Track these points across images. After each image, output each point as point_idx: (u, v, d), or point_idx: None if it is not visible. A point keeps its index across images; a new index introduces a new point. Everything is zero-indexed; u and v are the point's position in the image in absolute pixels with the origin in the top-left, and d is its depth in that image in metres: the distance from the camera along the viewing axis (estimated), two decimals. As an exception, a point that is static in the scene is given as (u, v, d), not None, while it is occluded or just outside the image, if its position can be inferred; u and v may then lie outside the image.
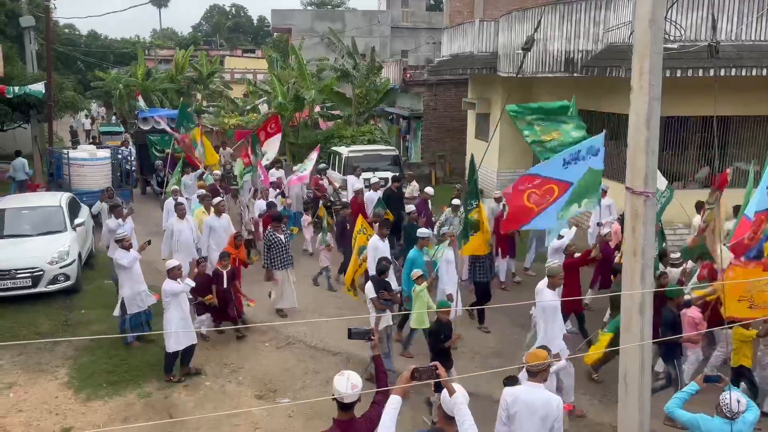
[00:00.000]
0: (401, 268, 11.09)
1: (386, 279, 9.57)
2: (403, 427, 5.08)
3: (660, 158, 5.88)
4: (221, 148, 24.19)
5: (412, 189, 17.41)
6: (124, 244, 10.43)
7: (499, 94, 21.06)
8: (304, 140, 25.36)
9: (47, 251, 12.54)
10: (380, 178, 16.89)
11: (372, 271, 10.03)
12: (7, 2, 32.07)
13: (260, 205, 15.05)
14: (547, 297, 8.37)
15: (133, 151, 24.26)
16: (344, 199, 16.99)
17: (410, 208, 14.07)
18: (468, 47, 21.76)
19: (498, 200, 13.91)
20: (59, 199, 14.47)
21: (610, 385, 8.68)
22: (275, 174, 17.66)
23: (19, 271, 12.12)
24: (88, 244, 14.65)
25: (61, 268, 12.48)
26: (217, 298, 10.53)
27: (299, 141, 25.49)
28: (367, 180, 16.95)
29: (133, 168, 23.37)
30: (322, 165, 19.18)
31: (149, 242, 11.57)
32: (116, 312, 10.68)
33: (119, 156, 21.59)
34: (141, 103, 31.05)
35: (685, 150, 14.67)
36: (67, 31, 62.53)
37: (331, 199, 17.74)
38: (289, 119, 25.62)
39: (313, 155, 17.39)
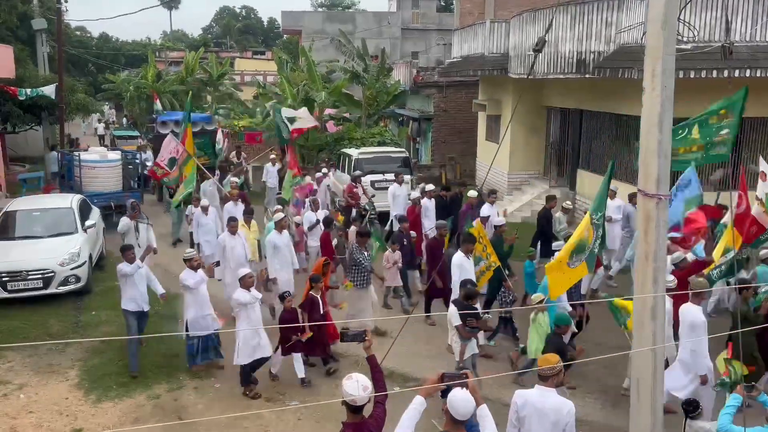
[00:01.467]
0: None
1: (474, 304, 8.69)
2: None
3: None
4: (236, 154, 23.81)
5: (420, 189, 17.37)
6: (192, 263, 9.65)
7: (510, 95, 20.98)
8: (314, 142, 25.37)
9: (58, 253, 12.60)
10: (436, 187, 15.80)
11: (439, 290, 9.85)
12: (19, 5, 32.30)
13: (309, 217, 13.80)
14: (695, 313, 7.90)
15: (151, 155, 24.25)
16: (380, 208, 16.22)
17: (500, 221, 12.21)
18: (479, 48, 21.71)
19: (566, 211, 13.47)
20: (70, 200, 14.53)
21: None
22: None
23: (30, 273, 12.18)
24: (98, 245, 14.71)
25: (71, 269, 12.53)
26: (311, 327, 9.25)
27: (309, 143, 25.49)
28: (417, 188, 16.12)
29: (146, 172, 23.40)
30: (324, 169, 19.11)
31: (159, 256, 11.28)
32: (182, 335, 9.87)
33: (136, 161, 21.72)
34: (159, 106, 30.63)
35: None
36: (78, 33, 62.96)
37: (366, 207, 16.71)
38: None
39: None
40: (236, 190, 15.50)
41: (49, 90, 22.35)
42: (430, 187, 15.08)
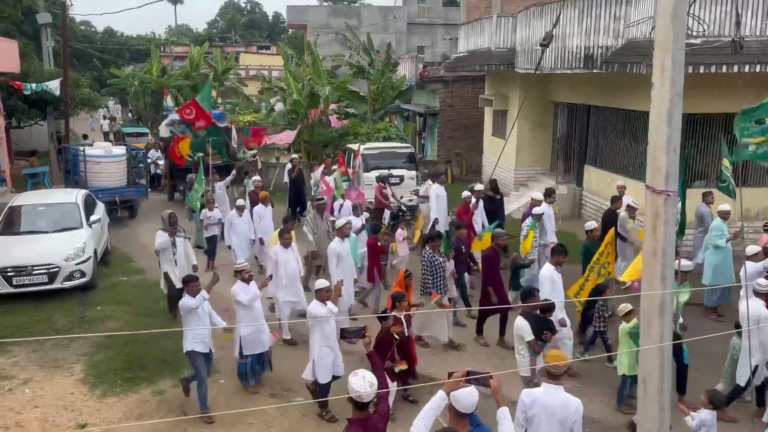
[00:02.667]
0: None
1: (549, 317, 8.27)
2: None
3: (681, 157, 5.73)
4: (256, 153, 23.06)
5: (426, 188, 17.27)
6: (244, 275, 8.97)
7: (517, 90, 20.90)
8: (319, 138, 25.33)
9: (63, 248, 12.60)
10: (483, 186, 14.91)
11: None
12: (23, -1, 32.30)
13: (354, 222, 12.59)
14: None
15: (161, 154, 23.87)
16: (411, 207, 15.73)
17: (591, 224, 11.42)
18: (485, 43, 21.60)
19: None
20: (75, 196, 14.53)
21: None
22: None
23: (35, 268, 12.18)
24: (103, 240, 14.71)
25: (77, 264, 12.52)
26: (398, 350, 8.37)
27: (314, 138, 25.45)
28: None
29: (159, 171, 23.16)
30: (333, 168, 19.02)
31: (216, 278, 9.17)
32: (235, 353, 9.13)
33: (147, 159, 21.60)
34: (169, 103, 30.17)
35: (707, 148, 14.44)
36: (83, 28, 63.05)
37: (402, 208, 16.12)
38: (304, 116, 25.58)
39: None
40: (266, 192, 14.75)
41: (54, 85, 22.35)
42: (479, 186, 14.28)
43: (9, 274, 12.06)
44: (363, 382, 4.79)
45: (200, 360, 8.38)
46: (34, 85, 22.13)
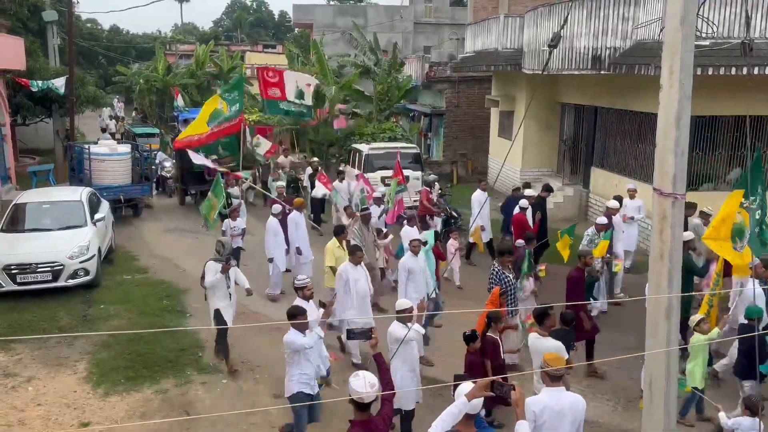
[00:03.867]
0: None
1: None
2: (422, 428, 5.08)
3: (690, 159, 5.68)
4: (282, 155, 21.58)
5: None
6: (305, 293, 8.17)
7: (524, 91, 20.83)
8: (324, 137, 25.30)
9: (67, 246, 12.59)
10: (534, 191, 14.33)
11: None
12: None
13: (409, 233, 11.61)
14: None
15: (167, 156, 23.47)
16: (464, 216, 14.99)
17: (688, 235, 9.92)
18: (492, 43, 21.54)
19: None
20: (80, 193, 14.53)
21: (635, 391, 8.51)
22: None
23: (39, 266, 12.17)
24: (107, 239, 14.70)
25: (81, 262, 12.51)
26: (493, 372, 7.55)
27: (319, 138, 25.43)
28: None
29: (164, 172, 22.71)
30: (341, 167, 18.99)
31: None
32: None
33: (156, 162, 21.39)
34: (180, 102, 29.70)
35: (715, 151, 14.35)
36: (89, 25, 63.19)
37: (454, 214, 15.25)
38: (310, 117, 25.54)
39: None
40: (300, 198, 14.02)
41: (60, 82, 22.37)
42: (529, 192, 13.76)
43: (13, 271, 12.06)
44: (364, 383, 4.77)
45: (305, 408, 7.34)
46: (40, 83, 22.15)
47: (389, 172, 17.55)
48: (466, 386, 5.05)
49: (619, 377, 9.35)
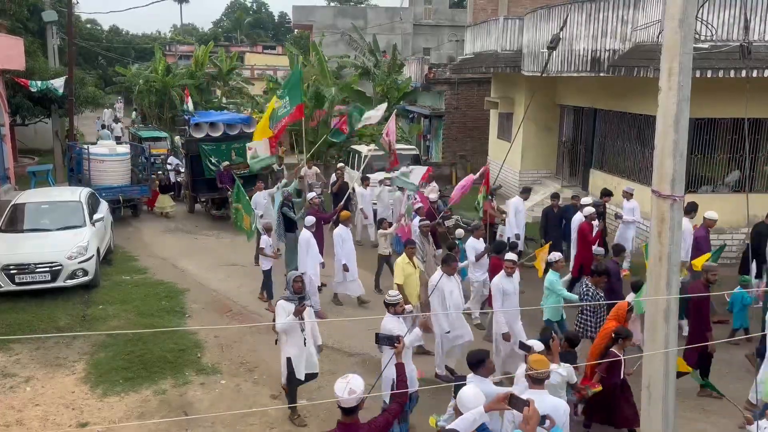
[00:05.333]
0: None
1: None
2: (422, 429, 5.09)
3: (688, 161, 5.70)
4: (306, 166, 19.66)
5: (430, 190, 17.20)
6: (398, 309, 7.71)
7: (523, 93, 20.84)
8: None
9: (66, 246, 12.56)
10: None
11: None
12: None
13: (475, 244, 11.15)
14: None
15: (180, 161, 22.73)
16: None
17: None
18: (492, 45, 21.56)
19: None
20: (79, 194, 14.52)
21: (634, 393, 8.52)
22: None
23: (38, 266, 12.14)
24: (106, 239, 14.70)
25: (79, 263, 12.48)
26: (615, 396, 7.46)
27: (317, 139, 25.40)
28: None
29: (179, 177, 22.10)
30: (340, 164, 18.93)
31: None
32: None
33: (168, 167, 21.22)
34: (189, 106, 28.58)
35: (714, 153, 14.37)
36: (89, 26, 63.18)
37: (458, 219, 14.80)
38: (309, 117, 25.53)
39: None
40: (347, 211, 13.24)
41: (59, 83, 22.37)
42: (587, 199, 13.05)
43: (12, 271, 12.03)
44: (344, 387, 4.75)
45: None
46: (39, 83, 22.15)
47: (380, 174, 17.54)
48: (468, 389, 5.07)
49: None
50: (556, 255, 9.45)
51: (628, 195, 13.68)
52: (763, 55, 12.29)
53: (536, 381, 5.67)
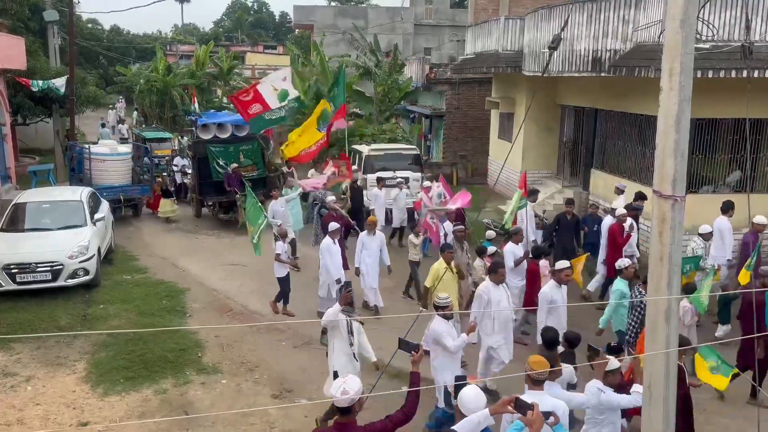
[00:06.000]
0: None
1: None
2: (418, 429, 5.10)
3: (689, 161, 5.69)
4: (313, 169, 19.68)
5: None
6: (446, 313, 7.63)
7: (524, 93, 20.84)
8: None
9: (67, 245, 12.58)
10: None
11: None
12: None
13: (513, 250, 10.84)
14: None
15: (187, 162, 22.01)
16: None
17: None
18: (492, 45, 21.56)
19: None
20: (80, 193, 14.53)
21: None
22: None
23: (39, 265, 12.15)
24: (107, 239, 14.71)
25: (80, 262, 12.50)
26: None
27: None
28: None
29: (186, 179, 21.60)
30: (427, 182, 18.54)
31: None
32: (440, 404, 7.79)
33: (174, 168, 20.95)
34: (195, 106, 28.15)
35: (715, 153, 14.36)
36: (90, 25, 63.27)
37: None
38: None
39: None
40: (374, 217, 12.92)
41: (60, 82, 22.39)
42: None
43: (13, 270, 12.05)
44: (337, 387, 4.76)
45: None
46: (41, 82, 22.17)
47: (389, 173, 17.54)
48: (469, 389, 5.06)
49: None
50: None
51: (619, 191, 13.87)
52: (765, 56, 12.28)
53: (535, 382, 5.66)
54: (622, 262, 9.30)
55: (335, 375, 7.37)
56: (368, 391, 5.15)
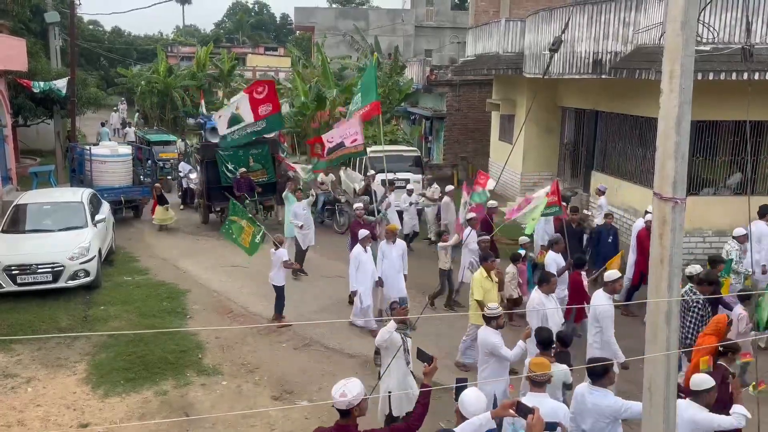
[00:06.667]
0: None
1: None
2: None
3: (690, 163, 5.69)
4: (321, 173, 18.50)
5: (433, 191, 17.22)
6: (499, 322, 7.48)
7: (525, 95, 20.85)
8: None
9: (68, 247, 12.60)
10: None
11: None
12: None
13: (555, 258, 10.55)
14: None
15: (193, 167, 21.69)
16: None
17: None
18: (493, 47, 21.57)
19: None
20: (80, 195, 14.54)
21: (635, 396, 8.50)
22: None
23: (40, 266, 12.17)
24: (108, 240, 14.71)
25: (81, 263, 12.51)
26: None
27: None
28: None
29: (192, 184, 20.87)
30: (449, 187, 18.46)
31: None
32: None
33: (180, 173, 20.64)
34: (203, 108, 27.75)
35: (716, 155, 14.37)
36: (91, 27, 63.34)
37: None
38: (311, 119, 25.56)
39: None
40: (394, 225, 12.38)
41: (62, 83, 22.42)
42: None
43: (13, 272, 12.06)
44: (337, 389, 4.76)
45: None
46: (42, 84, 22.20)
47: (390, 175, 17.46)
48: (470, 392, 5.07)
49: (620, 380, 9.18)
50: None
51: (600, 192, 14.25)
52: (765, 58, 12.28)
53: (536, 384, 5.66)
54: (611, 275, 8.49)
55: (388, 396, 7.24)
56: (368, 393, 5.13)
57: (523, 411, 4.48)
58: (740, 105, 12.02)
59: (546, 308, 8.24)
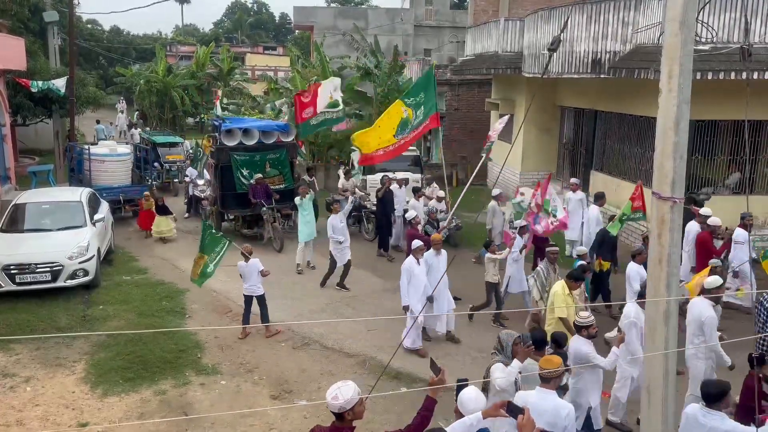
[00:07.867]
0: None
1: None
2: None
3: (688, 163, 5.70)
4: (344, 177, 18.32)
5: (431, 191, 17.20)
6: (591, 331, 7.27)
7: (524, 94, 20.86)
8: (324, 140, 25.30)
9: (67, 246, 12.59)
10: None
11: None
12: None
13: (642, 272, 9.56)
14: None
15: (202, 173, 20.60)
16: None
17: None
18: (492, 47, 21.58)
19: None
20: (79, 194, 14.54)
21: (635, 395, 8.52)
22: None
23: (39, 266, 12.16)
24: (107, 239, 14.71)
25: (80, 263, 12.51)
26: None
27: (319, 140, 25.42)
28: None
29: (197, 191, 19.61)
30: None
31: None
32: None
33: (186, 179, 20.25)
34: (218, 109, 26.66)
35: (714, 155, 14.38)
36: (89, 26, 63.25)
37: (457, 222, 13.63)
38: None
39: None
40: (438, 234, 11.65)
41: (60, 83, 22.40)
42: (708, 211, 11.70)
43: (12, 271, 12.06)
44: (331, 391, 4.70)
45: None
46: (40, 83, 22.18)
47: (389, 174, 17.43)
48: (469, 391, 5.08)
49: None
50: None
51: (575, 187, 14.29)
52: (764, 57, 12.30)
53: (544, 380, 5.69)
54: (712, 281, 8.16)
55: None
56: (367, 392, 5.12)
57: (514, 411, 4.48)
58: (739, 104, 12.05)
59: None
